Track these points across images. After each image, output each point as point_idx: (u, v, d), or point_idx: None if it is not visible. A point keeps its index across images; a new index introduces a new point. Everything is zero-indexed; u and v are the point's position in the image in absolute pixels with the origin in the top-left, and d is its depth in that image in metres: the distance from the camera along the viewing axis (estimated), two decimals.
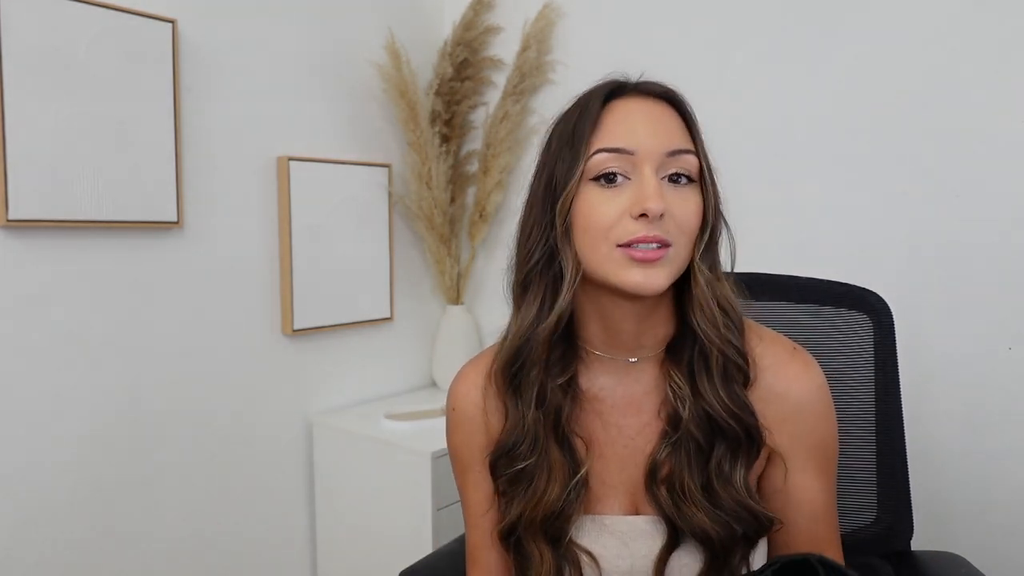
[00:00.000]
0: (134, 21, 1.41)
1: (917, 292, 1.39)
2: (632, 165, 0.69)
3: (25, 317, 1.33)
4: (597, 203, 0.69)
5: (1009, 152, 1.31)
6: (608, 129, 0.70)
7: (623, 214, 0.68)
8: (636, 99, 0.72)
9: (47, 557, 1.38)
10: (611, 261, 0.69)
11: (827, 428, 0.76)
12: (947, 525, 1.38)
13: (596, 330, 0.76)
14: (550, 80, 1.91)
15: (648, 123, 0.70)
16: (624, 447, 0.77)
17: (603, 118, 0.71)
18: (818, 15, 1.49)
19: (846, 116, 1.47)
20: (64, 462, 1.39)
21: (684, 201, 0.69)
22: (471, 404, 0.81)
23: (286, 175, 1.69)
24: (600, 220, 0.69)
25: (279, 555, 1.78)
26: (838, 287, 1.05)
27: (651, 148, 0.68)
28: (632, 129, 0.69)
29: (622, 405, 0.78)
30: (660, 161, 0.69)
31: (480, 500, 0.81)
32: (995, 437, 1.35)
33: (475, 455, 0.81)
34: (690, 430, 0.73)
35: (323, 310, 1.79)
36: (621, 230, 0.68)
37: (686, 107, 0.73)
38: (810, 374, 0.76)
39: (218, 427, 1.63)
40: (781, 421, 0.74)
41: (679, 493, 0.73)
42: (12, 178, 1.27)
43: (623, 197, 0.69)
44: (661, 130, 0.70)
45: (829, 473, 0.77)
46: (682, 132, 0.71)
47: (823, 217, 1.51)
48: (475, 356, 0.86)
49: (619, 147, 0.69)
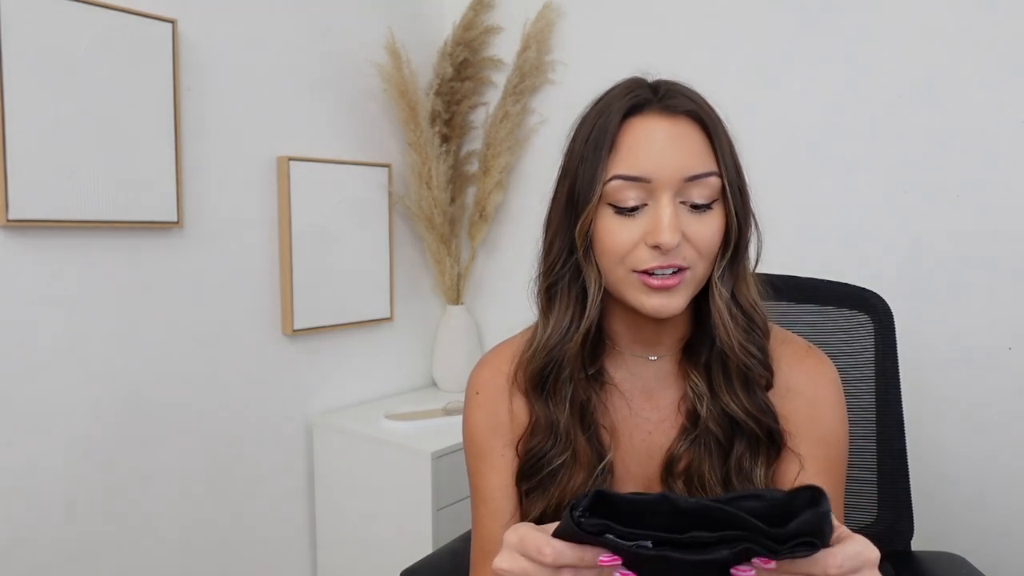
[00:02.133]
0: (134, 21, 1.41)
1: (917, 292, 1.40)
2: (649, 192, 0.68)
3: (25, 317, 1.33)
4: (614, 229, 0.69)
5: (1009, 152, 1.31)
6: (625, 152, 0.68)
7: (639, 242, 0.68)
8: (656, 118, 0.69)
9: (47, 557, 1.38)
10: (628, 285, 0.70)
11: (837, 424, 0.76)
12: (947, 525, 1.38)
13: (621, 329, 0.78)
14: (550, 80, 1.91)
15: (667, 147, 0.68)
16: (642, 440, 0.78)
17: (621, 138, 0.69)
18: (818, 15, 1.49)
19: (846, 116, 1.47)
20: (64, 462, 1.39)
21: (703, 225, 0.68)
22: (496, 388, 0.81)
23: (286, 175, 1.69)
24: (616, 247, 0.69)
25: (279, 555, 1.78)
26: (839, 287, 1.06)
27: (669, 175, 0.67)
28: (650, 154, 0.67)
29: (642, 397, 0.79)
30: (678, 187, 0.67)
31: (497, 485, 0.80)
32: (995, 437, 1.35)
33: (496, 436, 0.80)
34: (709, 426, 0.73)
35: (323, 310, 1.79)
36: (636, 258, 0.68)
37: (710, 123, 0.70)
38: (823, 371, 0.77)
39: (218, 427, 1.63)
40: (792, 416, 0.75)
41: (697, 487, 0.73)
42: (12, 178, 1.27)
43: (639, 224, 0.68)
44: (681, 153, 0.68)
45: (838, 472, 0.77)
46: (704, 152, 0.69)
47: (823, 217, 1.51)
48: (495, 348, 0.85)
49: (635, 175, 0.67)
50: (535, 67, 1.88)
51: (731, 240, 0.70)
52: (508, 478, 0.79)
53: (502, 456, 0.79)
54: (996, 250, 1.33)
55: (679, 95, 0.70)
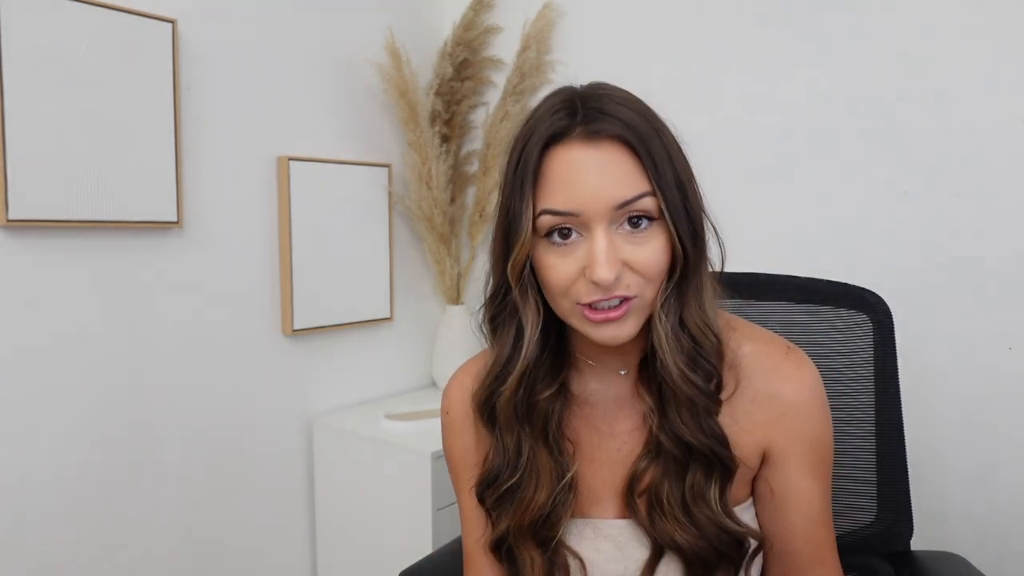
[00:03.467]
0: (134, 21, 1.41)
1: (917, 292, 1.39)
2: (582, 223, 0.65)
3: (25, 317, 1.33)
4: (552, 264, 0.66)
5: (1009, 152, 1.31)
6: (550, 185, 0.65)
7: (578, 275, 0.65)
8: (579, 148, 0.64)
9: (47, 557, 1.38)
10: (575, 316, 0.68)
11: (822, 428, 0.75)
12: (947, 525, 1.38)
13: (586, 345, 0.76)
14: (550, 80, 1.91)
15: (593, 176, 0.64)
16: (617, 450, 0.77)
17: (545, 170, 0.65)
18: (818, 14, 1.49)
19: (846, 116, 1.47)
20: (63, 462, 1.39)
21: (643, 249, 0.65)
22: (463, 409, 0.81)
23: (286, 175, 1.69)
24: (556, 282, 0.66)
25: (279, 555, 1.78)
26: (837, 287, 1.05)
27: (598, 207, 0.63)
28: (573, 187, 0.64)
29: (613, 409, 0.77)
30: (611, 216, 0.64)
31: (470, 504, 0.81)
32: (995, 437, 1.35)
33: (468, 459, 0.81)
34: (665, 446, 0.72)
35: (323, 310, 1.79)
36: (577, 292, 0.66)
37: (638, 142, 0.64)
38: (802, 373, 0.74)
39: (218, 427, 1.63)
40: (774, 422, 0.73)
41: (655, 505, 0.72)
42: (12, 178, 1.27)
43: (576, 256, 0.65)
44: (608, 182, 0.63)
45: (824, 474, 0.76)
46: (634, 174, 0.64)
47: (823, 217, 1.51)
48: (469, 360, 0.85)
49: (562, 210, 0.64)
50: (535, 67, 1.88)
51: (676, 261, 0.67)
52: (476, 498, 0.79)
53: (472, 478, 0.80)
54: (996, 250, 1.33)
55: (602, 115, 0.65)
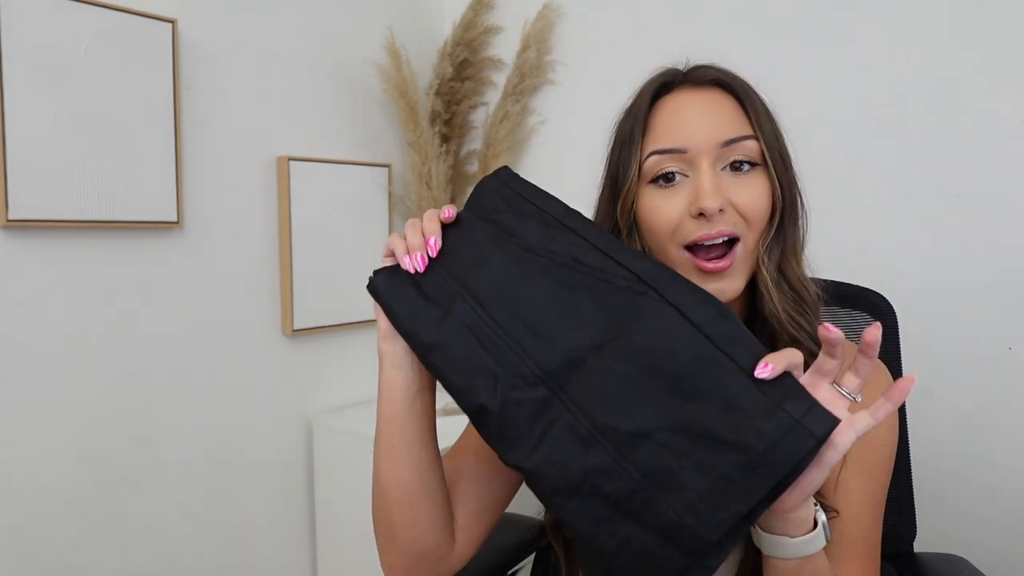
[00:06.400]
0: (134, 21, 1.40)
1: (918, 292, 1.39)
2: (688, 163, 0.67)
3: (25, 317, 1.33)
4: (657, 205, 0.68)
5: (1009, 152, 1.31)
6: (659, 129, 0.69)
7: (683, 214, 0.67)
8: (685, 92, 0.70)
9: (47, 557, 1.37)
10: (683, 270, 0.68)
11: (884, 431, 0.72)
12: (950, 526, 1.38)
13: None
14: (550, 80, 1.91)
15: (699, 116, 0.68)
16: None
17: (653, 118, 0.69)
18: (818, 16, 1.49)
19: (846, 116, 1.47)
20: (63, 462, 1.39)
21: (747, 189, 0.67)
22: None
23: (286, 175, 1.68)
24: (662, 223, 0.68)
25: (279, 555, 1.78)
26: (842, 288, 1.05)
27: (704, 142, 0.67)
28: (682, 126, 0.68)
29: None
30: (716, 153, 0.67)
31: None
32: (998, 437, 1.35)
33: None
34: None
35: (323, 310, 1.79)
36: (684, 231, 0.67)
37: (741, 90, 0.70)
38: (879, 374, 0.73)
39: (218, 427, 1.63)
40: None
41: None
42: (12, 178, 1.26)
43: (682, 196, 0.67)
44: (713, 121, 0.68)
45: (873, 476, 0.72)
46: (738, 118, 0.69)
47: (824, 217, 1.49)
48: None
49: (670, 148, 0.67)
50: (535, 67, 1.88)
51: (776, 209, 0.69)
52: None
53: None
54: (997, 250, 1.33)
55: (705, 68, 0.71)
